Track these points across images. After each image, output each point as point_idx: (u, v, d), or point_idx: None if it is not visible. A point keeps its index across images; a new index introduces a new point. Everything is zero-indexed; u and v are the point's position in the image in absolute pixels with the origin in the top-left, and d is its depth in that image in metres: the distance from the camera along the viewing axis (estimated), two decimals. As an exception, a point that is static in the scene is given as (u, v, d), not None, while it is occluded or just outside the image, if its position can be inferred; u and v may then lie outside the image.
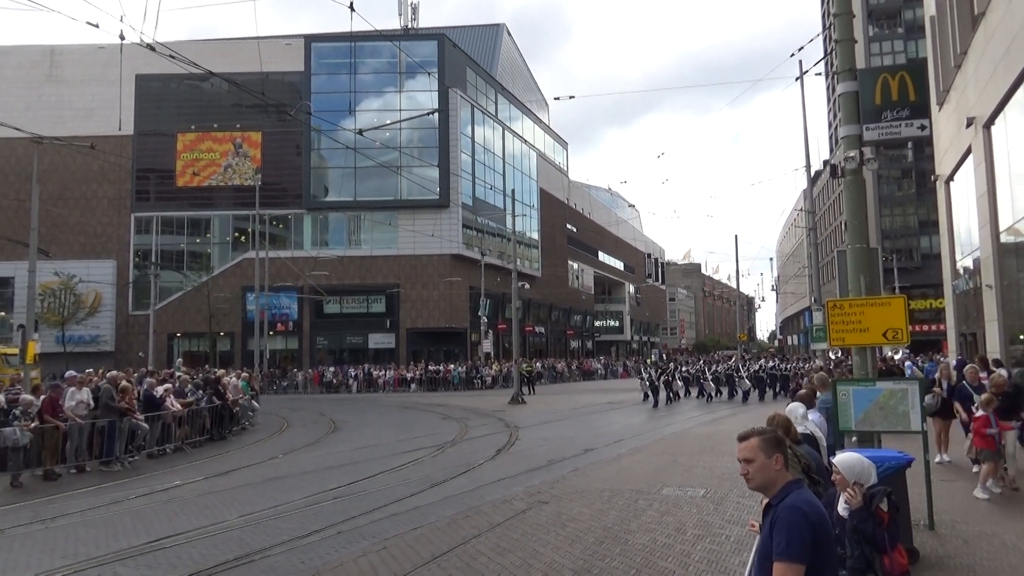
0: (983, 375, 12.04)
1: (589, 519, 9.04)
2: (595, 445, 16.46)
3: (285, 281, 51.70)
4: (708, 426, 19.91)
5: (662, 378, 27.88)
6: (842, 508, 3.73)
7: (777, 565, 2.83)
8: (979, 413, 9.84)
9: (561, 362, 59.51)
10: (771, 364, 31.68)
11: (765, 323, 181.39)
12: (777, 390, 30.11)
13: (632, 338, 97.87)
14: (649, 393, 28.38)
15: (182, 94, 56.25)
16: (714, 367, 31.83)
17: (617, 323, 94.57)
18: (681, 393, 29.50)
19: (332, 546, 8.23)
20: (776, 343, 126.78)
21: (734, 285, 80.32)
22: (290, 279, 51.80)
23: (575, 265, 79.36)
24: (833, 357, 28.57)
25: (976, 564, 6.87)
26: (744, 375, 28.81)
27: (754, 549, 4.21)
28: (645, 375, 29.57)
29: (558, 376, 54.29)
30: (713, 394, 29.19)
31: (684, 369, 32.41)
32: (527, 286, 51.83)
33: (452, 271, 54.44)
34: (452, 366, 47.30)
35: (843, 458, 3.84)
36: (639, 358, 64.85)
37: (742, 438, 3.11)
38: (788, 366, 32.28)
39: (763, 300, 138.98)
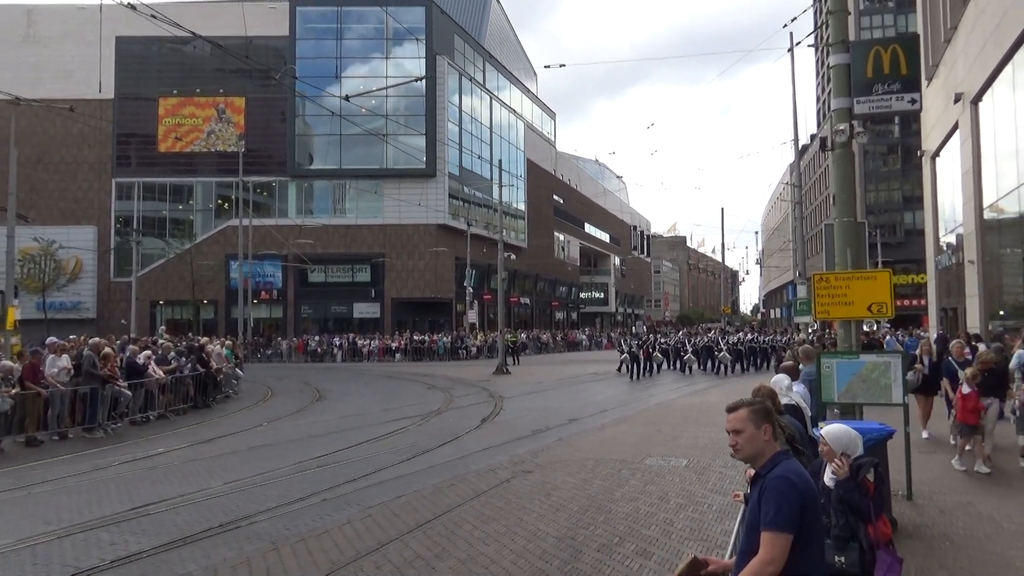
0: (967, 351, 12.10)
1: (573, 488, 9.12)
2: (579, 415, 16.59)
3: (269, 249, 51.30)
4: (691, 397, 20.09)
5: (642, 349, 27.74)
6: (828, 478, 3.78)
7: (765, 534, 2.86)
8: (966, 390, 9.76)
9: (546, 333, 59.74)
10: (749, 337, 31.97)
11: (749, 296, 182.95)
12: (757, 363, 30.45)
13: (617, 310, 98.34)
14: (627, 365, 28.30)
15: (164, 57, 55.16)
16: (694, 339, 31.99)
17: (602, 295, 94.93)
18: (661, 365, 29.52)
19: (317, 513, 8.26)
20: (759, 316, 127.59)
21: (719, 258, 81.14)
22: (274, 247, 51.41)
23: (561, 236, 79.33)
24: (812, 331, 28.99)
25: (952, 533, 7.00)
26: (724, 348, 28.97)
27: (739, 519, 4.26)
28: (625, 346, 29.49)
29: (543, 347, 54.51)
30: (693, 367, 29.31)
31: (663, 341, 32.32)
32: (513, 257, 51.73)
33: (438, 241, 54.23)
34: (437, 336, 47.31)
35: (831, 429, 3.88)
36: (623, 330, 65.01)
37: (731, 409, 3.12)
38: (766, 339, 32.68)
39: (747, 273, 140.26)
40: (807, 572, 2.89)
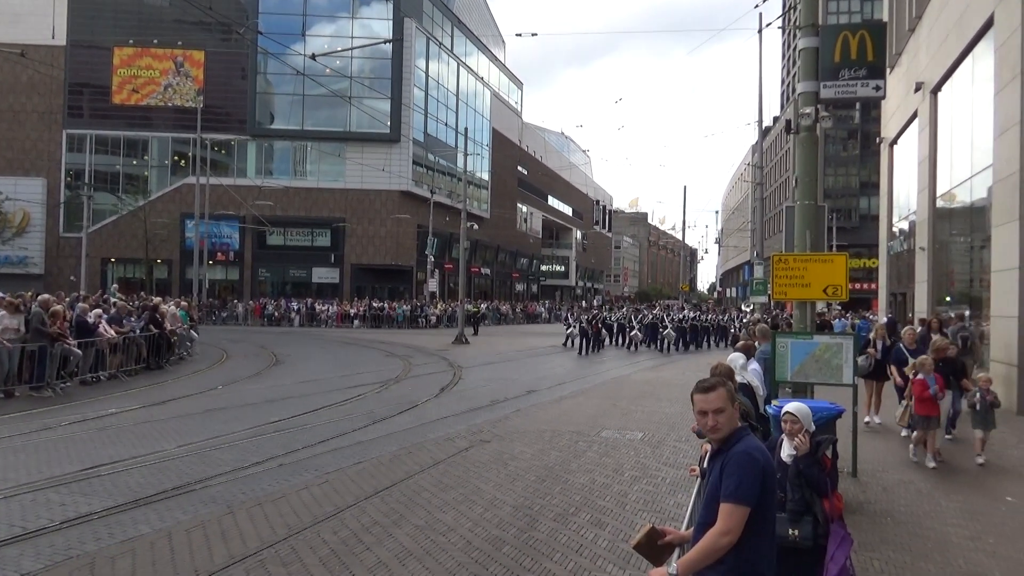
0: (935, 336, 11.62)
1: (530, 458, 9.23)
2: (537, 387, 16.77)
3: (227, 209, 50.25)
4: (646, 373, 20.43)
5: (591, 324, 27.47)
6: (786, 454, 3.90)
7: (724, 506, 2.94)
8: (919, 377, 9.28)
9: (506, 304, 59.92)
10: (693, 315, 32.50)
11: (706, 275, 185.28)
12: (699, 342, 31.34)
13: (577, 283, 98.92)
14: (573, 339, 28.15)
15: (120, 5, 53.11)
16: (641, 315, 32.09)
17: (563, 268, 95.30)
18: (605, 341, 29.43)
19: (274, 478, 8.23)
20: (715, 295, 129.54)
21: (679, 236, 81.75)
22: (232, 208, 50.37)
23: (524, 208, 79.24)
24: (748, 310, 30.28)
25: (894, 510, 7.28)
26: (668, 325, 29.26)
27: (695, 492, 4.36)
28: (573, 320, 29.38)
29: (502, 318, 54.68)
30: (639, 343, 29.34)
31: (608, 316, 32.20)
32: (475, 227, 51.30)
33: (400, 208, 53.70)
34: (396, 304, 47.07)
35: (797, 406, 4.00)
36: (572, 303, 64.77)
37: (708, 388, 3.13)
38: (708, 317, 33.52)
39: (706, 252, 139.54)
40: (760, 544, 2.98)
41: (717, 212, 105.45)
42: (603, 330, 28.92)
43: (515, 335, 38.82)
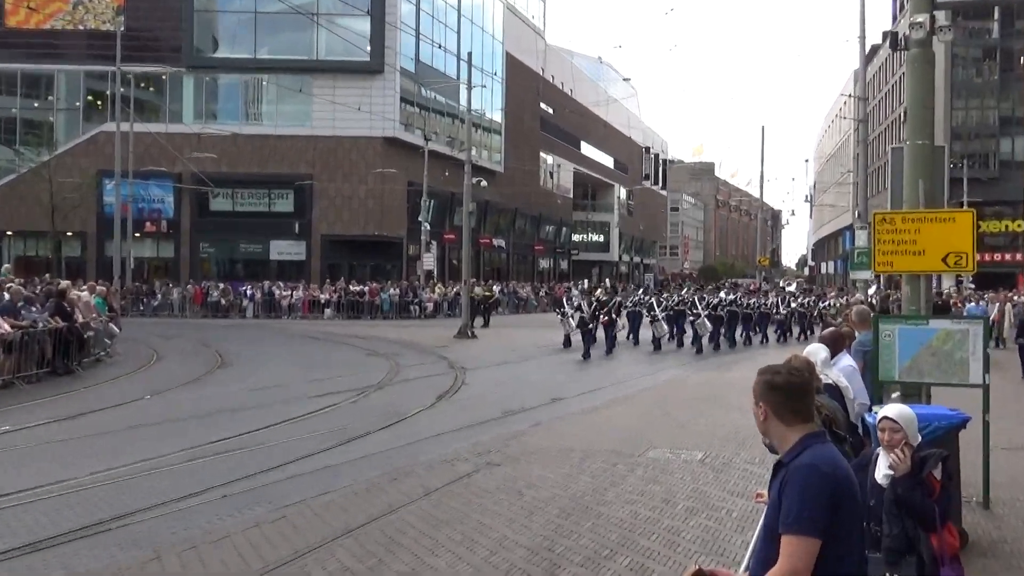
0: None
1: (553, 486, 9.27)
2: (564, 393, 16.86)
3: (157, 165, 50.47)
4: (709, 372, 20.51)
5: (597, 316, 26.01)
6: (881, 475, 3.82)
7: (785, 540, 2.87)
8: None
9: (526, 286, 59.95)
10: (731, 298, 31.73)
11: (794, 244, 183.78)
12: (745, 334, 32.25)
13: (621, 258, 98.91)
14: (573, 336, 27.10)
15: None
16: (667, 300, 30.43)
17: (602, 238, 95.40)
18: (619, 336, 28.48)
19: (215, 513, 8.32)
20: (806, 270, 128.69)
21: (756, 194, 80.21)
22: (164, 163, 50.63)
23: (549, 159, 79.16)
24: (791, 289, 31.54)
25: (1037, 552, 7.19)
26: (701, 313, 28.29)
27: (760, 523, 4.31)
28: (570, 310, 27.48)
29: (521, 304, 54.79)
30: (664, 338, 28.22)
31: (629, 302, 31.01)
32: (484, 184, 50.98)
33: (385, 160, 53.63)
34: (381, 287, 47.30)
35: (898, 410, 3.90)
36: (571, 284, 61.67)
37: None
38: (757, 302, 33.95)
39: (792, 214, 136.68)
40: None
41: (807, 161, 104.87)
42: (618, 321, 27.69)
43: (538, 326, 38.91)
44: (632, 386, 18.21)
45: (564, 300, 31.92)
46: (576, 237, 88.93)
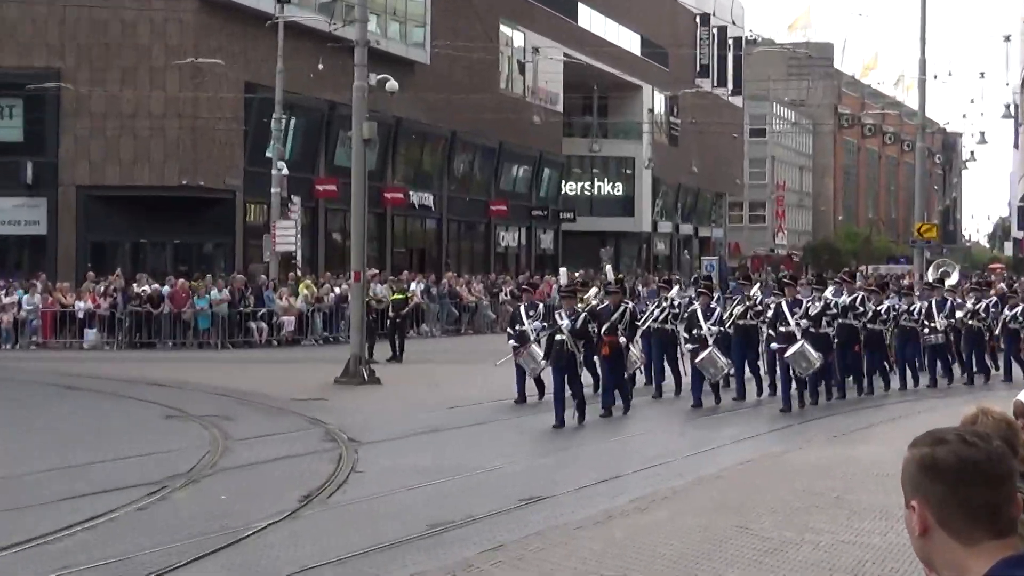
0: None
1: None
2: (543, 489, 11.95)
3: None
4: (820, 449, 15.07)
5: (593, 335, 17.39)
6: None
7: None
8: None
9: (474, 282, 39.60)
10: (847, 301, 20.86)
11: (984, 199, 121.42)
12: (879, 369, 21.10)
13: (656, 226, 63.78)
14: (536, 381, 18.39)
15: None
16: (724, 306, 20.39)
17: (619, 188, 61.78)
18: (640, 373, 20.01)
19: None
20: (1007, 247, 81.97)
21: (913, 104, 49.76)
22: None
23: (518, 38, 51.29)
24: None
25: None
26: (794, 329, 18.30)
27: None
28: (532, 328, 18.47)
29: (466, 317, 36.93)
30: (720, 377, 19.15)
31: (657, 311, 20.54)
32: (395, 87, 28.16)
33: (201, 43, 34.66)
34: (194, 287, 31.02)
35: None
36: (528, 281, 32.30)
37: None
38: (899, 308, 21.99)
39: (981, 142, 67.60)
40: None
41: (1007, 41, 59.96)
42: (632, 349, 18.83)
43: (493, 357, 23.94)
44: (682, 470, 13.28)
45: (522, 312, 19.34)
46: (571, 188, 59.05)
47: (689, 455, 14.74)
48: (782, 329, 18.38)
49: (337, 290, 32.67)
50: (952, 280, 29.12)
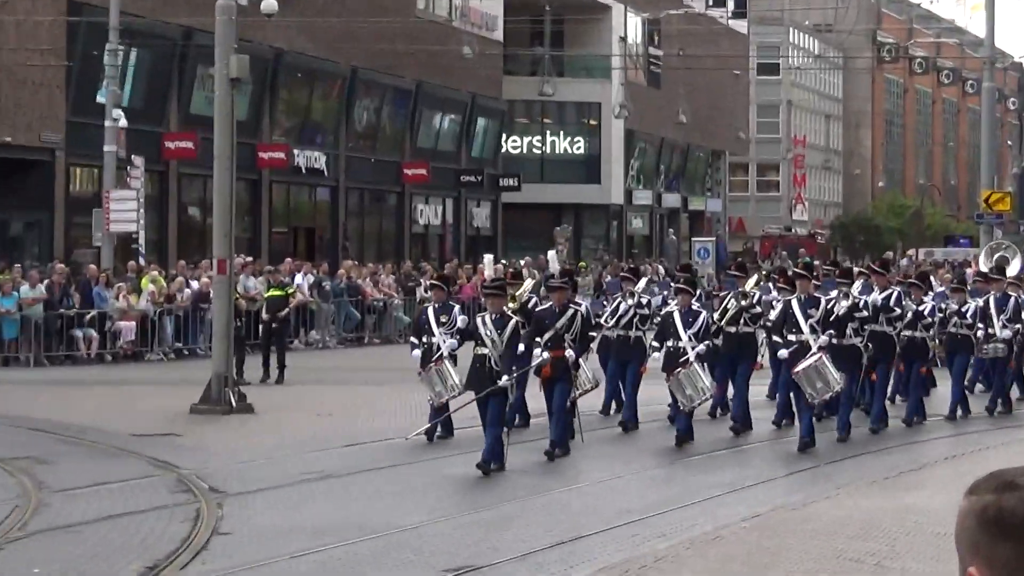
0: None
1: None
2: (492, 555, 10.13)
3: None
4: (859, 498, 12.85)
5: (530, 348, 14.09)
6: None
7: None
8: None
9: (382, 269, 33.91)
10: (879, 300, 17.14)
11: None
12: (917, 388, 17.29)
13: (630, 196, 52.85)
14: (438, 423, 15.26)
15: None
16: (713, 304, 17.44)
17: (579, 147, 50.80)
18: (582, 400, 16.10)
19: None
20: None
21: (978, 33, 42.95)
22: None
23: None
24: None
25: None
26: (810, 336, 14.79)
27: None
28: (440, 337, 15.08)
29: (371, 319, 31.56)
30: (707, 400, 15.87)
31: (609, 313, 17.08)
32: (272, 5, 27.57)
33: None
34: None
35: None
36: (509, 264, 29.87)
37: None
38: (944, 306, 17.99)
39: None
40: None
41: None
42: (581, 365, 15.44)
43: (403, 374, 20.43)
44: (652, 536, 11.13)
45: (431, 317, 15.67)
46: (514, 145, 48.29)
47: (675, 508, 12.64)
48: (791, 337, 14.65)
49: (195, 285, 26.59)
50: (1013, 269, 24.10)
